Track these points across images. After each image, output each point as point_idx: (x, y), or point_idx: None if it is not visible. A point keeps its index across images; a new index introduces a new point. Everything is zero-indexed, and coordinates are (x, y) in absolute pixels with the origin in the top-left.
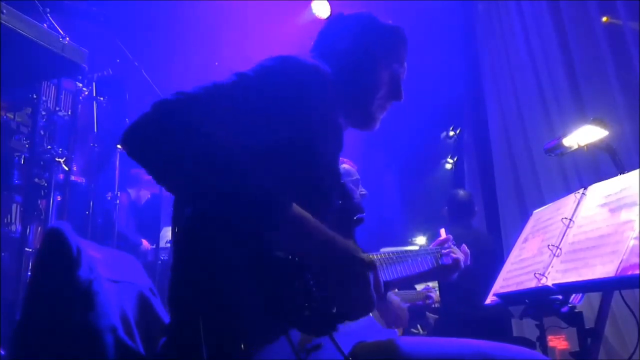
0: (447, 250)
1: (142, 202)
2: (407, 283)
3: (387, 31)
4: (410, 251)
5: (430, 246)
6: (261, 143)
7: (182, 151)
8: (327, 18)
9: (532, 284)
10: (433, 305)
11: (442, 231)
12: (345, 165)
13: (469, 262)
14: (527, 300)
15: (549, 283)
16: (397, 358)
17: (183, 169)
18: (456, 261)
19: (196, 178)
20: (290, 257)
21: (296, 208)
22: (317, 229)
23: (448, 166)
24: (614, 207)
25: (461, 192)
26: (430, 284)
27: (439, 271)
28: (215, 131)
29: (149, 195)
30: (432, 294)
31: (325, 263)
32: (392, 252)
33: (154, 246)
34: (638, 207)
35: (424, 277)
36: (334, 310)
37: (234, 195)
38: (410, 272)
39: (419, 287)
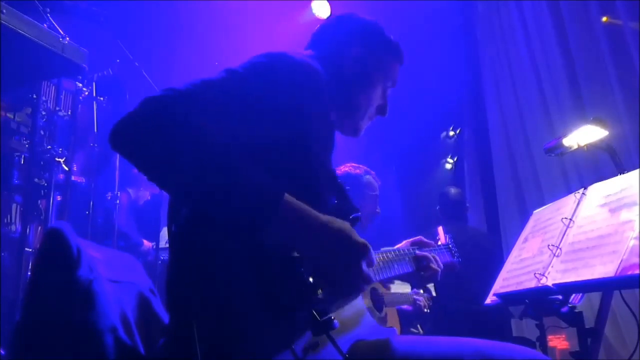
0: (423, 253)
1: (141, 202)
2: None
3: (390, 48)
4: (409, 250)
5: (401, 245)
6: (251, 140)
7: (170, 147)
8: (329, 16)
9: (532, 284)
10: (423, 310)
11: (440, 229)
12: (368, 177)
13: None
14: (527, 300)
15: (549, 283)
16: (396, 357)
17: (172, 165)
18: (431, 268)
19: (185, 173)
20: (286, 251)
21: (288, 197)
22: (311, 216)
23: (448, 166)
24: (614, 207)
25: (452, 190)
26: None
27: (416, 275)
28: (204, 127)
29: (149, 196)
30: (420, 298)
31: (322, 247)
32: (390, 252)
33: (154, 244)
34: (638, 207)
35: (404, 278)
36: (330, 293)
37: (223, 190)
38: (406, 271)
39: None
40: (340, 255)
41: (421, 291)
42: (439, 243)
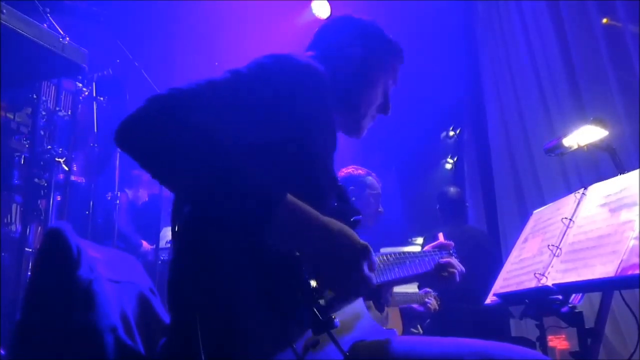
0: (445, 260)
1: (139, 203)
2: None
3: (390, 48)
4: (409, 253)
5: (426, 248)
6: (254, 140)
7: (175, 145)
8: (329, 17)
9: (532, 284)
10: (432, 310)
11: (441, 235)
12: (370, 178)
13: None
14: (527, 300)
15: (549, 283)
16: (396, 357)
17: (176, 163)
18: (452, 273)
19: (187, 172)
20: (288, 250)
21: (290, 198)
22: (313, 216)
23: (448, 166)
24: (614, 207)
25: (451, 190)
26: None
27: (434, 278)
28: (207, 126)
29: (147, 197)
30: (430, 299)
31: (323, 249)
32: (390, 254)
33: (154, 246)
34: (638, 207)
35: (419, 281)
36: (333, 295)
37: (225, 188)
38: (406, 274)
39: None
40: (340, 257)
41: (430, 291)
42: None
